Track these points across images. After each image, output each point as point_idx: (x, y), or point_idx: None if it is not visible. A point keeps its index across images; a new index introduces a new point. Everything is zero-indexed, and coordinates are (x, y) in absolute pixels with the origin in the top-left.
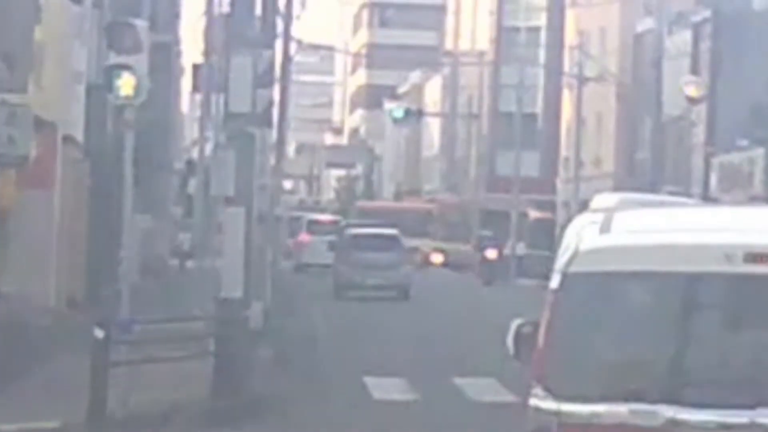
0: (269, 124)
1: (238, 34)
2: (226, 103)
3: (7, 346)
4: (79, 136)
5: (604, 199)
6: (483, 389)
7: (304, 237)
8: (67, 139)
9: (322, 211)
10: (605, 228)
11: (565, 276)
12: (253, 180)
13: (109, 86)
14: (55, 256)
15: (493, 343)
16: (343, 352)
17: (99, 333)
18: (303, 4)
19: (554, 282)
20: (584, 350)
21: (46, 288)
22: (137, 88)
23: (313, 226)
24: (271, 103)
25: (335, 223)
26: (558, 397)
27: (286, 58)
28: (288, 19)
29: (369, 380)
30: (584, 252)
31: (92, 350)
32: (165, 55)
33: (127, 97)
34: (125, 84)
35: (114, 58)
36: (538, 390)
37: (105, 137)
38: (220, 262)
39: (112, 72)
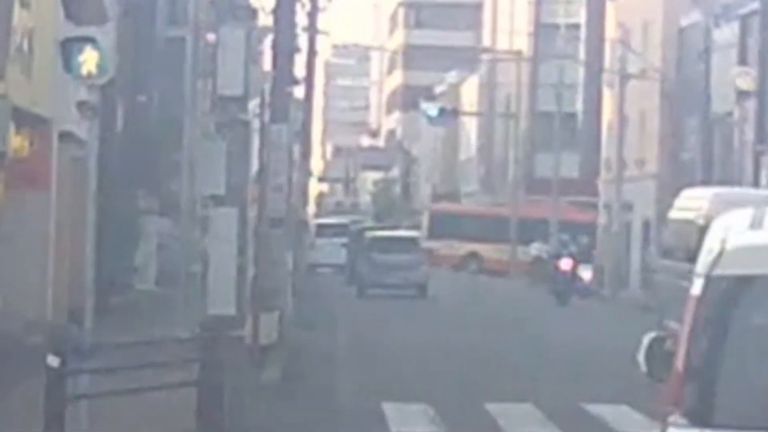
0: (286, 118)
1: (225, 2)
2: (213, 86)
3: None
4: (83, 133)
5: (693, 195)
6: (518, 418)
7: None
8: (66, 136)
9: (362, 214)
10: (756, 224)
11: (709, 280)
12: (249, 176)
13: (68, 63)
14: (52, 264)
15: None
16: (362, 370)
17: (53, 361)
18: None
19: (696, 287)
20: (734, 369)
21: (41, 299)
22: (101, 65)
23: (323, 229)
24: (289, 96)
25: (344, 225)
26: (702, 426)
27: (312, 51)
28: (313, 10)
29: (388, 407)
30: (732, 251)
31: (46, 381)
32: (179, 47)
33: (89, 76)
34: (87, 60)
35: (73, 30)
36: (676, 418)
37: (113, 135)
38: (211, 273)
39: (71, 46)
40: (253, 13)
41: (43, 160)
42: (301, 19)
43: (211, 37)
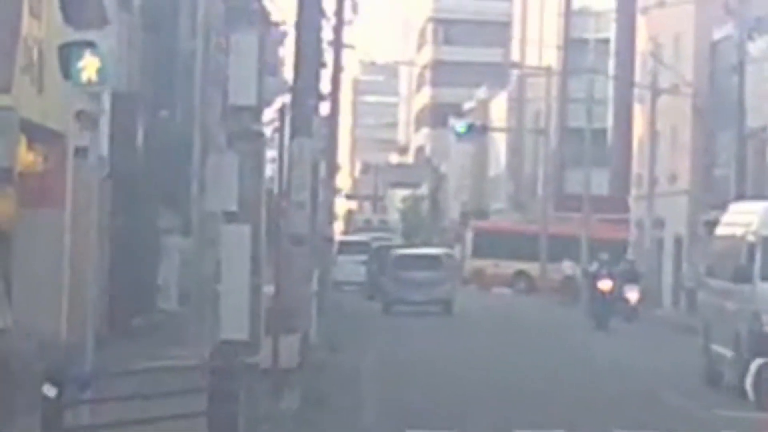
0: (308, 132)
1: (237, 7)
2: (224, 95)
3: None
4: (101, 149)
5: (742, 210)
6: None
7: None
8: (83, 152)
9: (391, 231)
10: None
11: None
12: (263, 190)
13: (66, 70)
14: (68, 284)
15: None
16: (387, 394)
17: (50, 391)
18: (354, 9)
19: None
20: None
21: (56, 321)
22: (102, 72)
23: (344, 247)
24: (312, 110)
25: (365, 243)
26: None
27: (338, 66)
28: (339, 24)
29: None
30: None
31: (42, 413)
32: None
33: (89, 83)
34: (88, 66)
35: (72, 35)
36: None
37: (134, 152)
38: (222, 295)
39: (70, 51)
40: (267, 17)
41: (58, 177)
42: (327, 33)
43: (223, 42)
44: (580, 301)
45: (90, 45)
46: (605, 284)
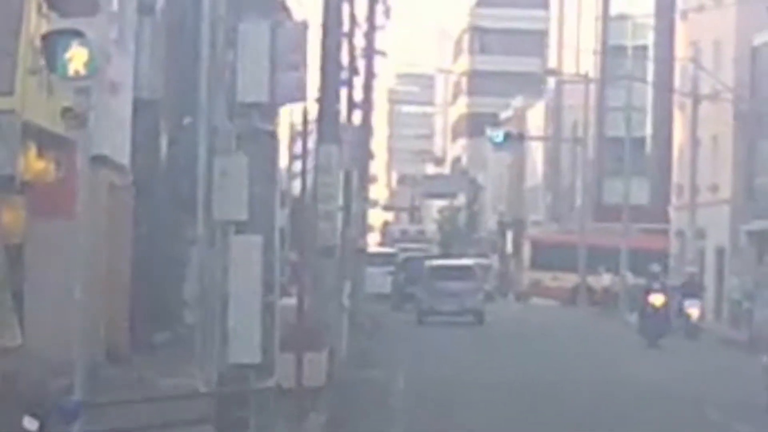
0: (336, 139)
1: None
2: (232, 90)
3: None
4: (121, 157)
5: None
6: None
7: None
8: (100, 160)
9: (428, 242)
10: None
11: None
12: (276, 197)
13: (51, 61)
14: (80, 298)
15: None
16: (419, 415)
17: (31, 424)
18: (387, 14)
19: None
20: None
21: (68, 338)
22: (90, 64)
23: (371, 258)
24: (339, 117)
25: (392, 255)
26: None
27: (370, 73)
28: (371, 30)
29: None
30: None
31: None
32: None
33: (77, 76)
34: (75, 58)
35: (58, 23)
36: None
37: (157, 160)
38: (230, 314)
39: (55, 41)
40: (284, 9)
41: (70, 186)
42: (360, 40)
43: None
44: (620, 314)
45: (78, 34)
46: (657, 299)
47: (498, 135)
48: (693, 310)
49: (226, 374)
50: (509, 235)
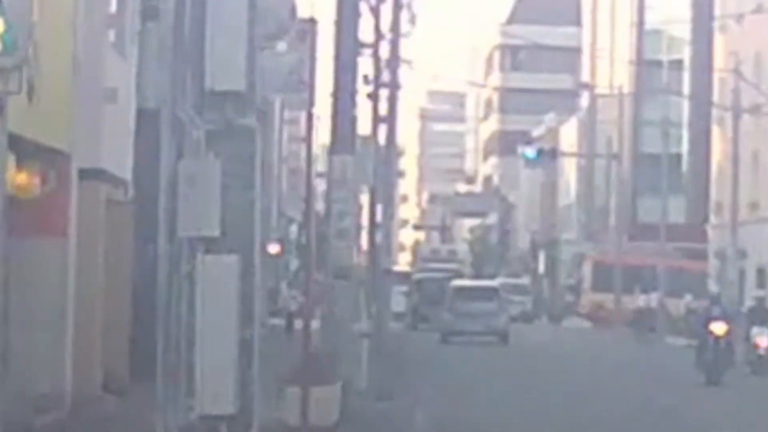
0: (351, 149)
1: None
2: (199, 77)
3: None
4: (121, 171)
5: None
6: None
7: None
8: (94, 174)
9: (459, 262)
10: None
11: None
12: (255, 207)
13: None
14: (72, 324)
15: None
16: None
17: None
18: (413, 21)
19: None
20: None
21: (59, 368)
22: (6, 39)
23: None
24: (351, 120)
25: (407, 274)
26: None
27: (395, 82)
28: (396, 38)
29: None
30: None
31: None
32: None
33: None
34: None
35: None
36: None
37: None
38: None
39: None
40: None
41: (60, 202)
42: (385, 52)
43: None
44: (659, 337)
45: None
46: (719, 327)
47: (531, 151)
48: (762, 340)
49: (193, 428)
50: (542, 255)
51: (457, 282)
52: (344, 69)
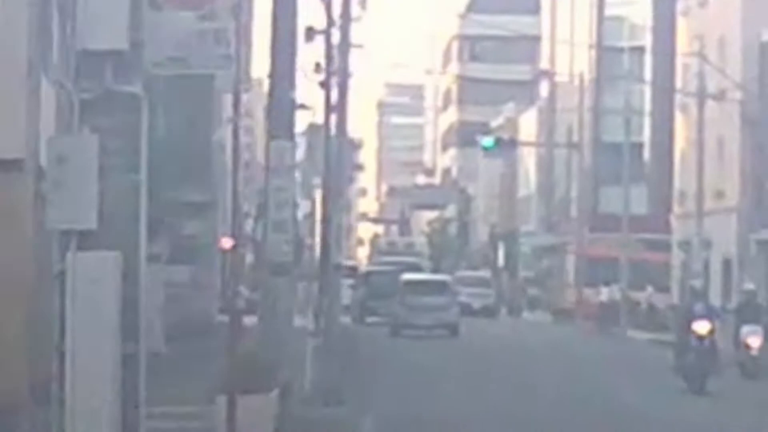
0: (290, 134)
1: None
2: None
3: None
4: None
5: None
6: None
7: None
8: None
9: (417, 255)
10: None
11: None
12: (141, 194)
13: None
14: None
15: None
16: None
17: None
18: (363, 5)
19: None
20: None
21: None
22: None
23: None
24: (290, 102)
25: (354, 268)
26: None
27: (345, 68)
28: (345, 22)
29: None
30: None
31: None
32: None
33: None
34: None
35: None
36: None
37: None
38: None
39: None
40: None
41: None
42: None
43: None
44: (621, 331)
45: None
46: (702, 326)
47: (488, 141)
48: (753, 340)
49: None
50: (501, 247)
51: (408, 276)
52: (281, 48)
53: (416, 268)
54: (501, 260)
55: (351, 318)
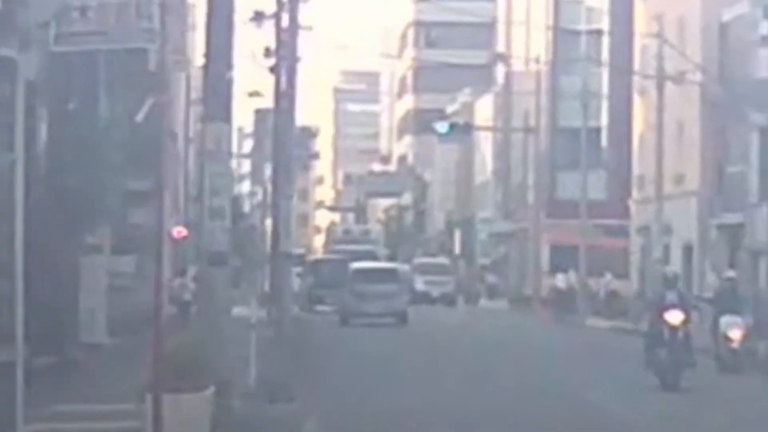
0: (227, 116)
1: None
2: None
3: None
4: None
5: None
6: None
7: None
8: None
9: (373, 242)
10: None
11: None
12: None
13: None
14: None
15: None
16: None
17: None
18: None
19: None
20: None
21: None
22: None
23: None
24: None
25: (301, 256)
26: None
27: (294, 51)
28: (294, 3)
29: None
30: None
31: None
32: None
33: None
34: None
35: None
36: None
37: (34, 151)
38: None
39: None
40: None
41: None
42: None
43: None
44: (579, 319)
45: None
46: (676, 317)
47: (443, 126)
48: (734, 332)
49: None
50: (457, 234)
51: (357, 264)
52: (217, 26)
53: (372, 256)
54: (457, 247)
55: (299, 307)
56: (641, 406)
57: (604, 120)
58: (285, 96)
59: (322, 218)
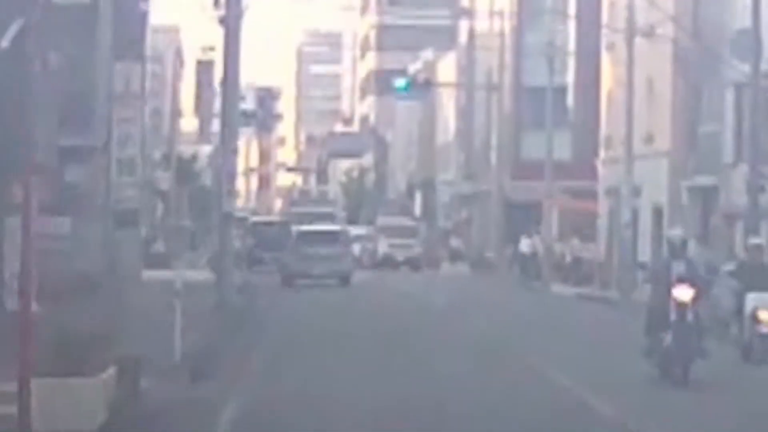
0: (139, 55)
1: None
2: None
3: None
4: None
5: None
6: None
7: None
8: None
9: (332, 204)
10: None
11: None
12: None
13: None
14: None
15: None
16: None
17: None
18: None
19: None
20: None
21: None
22: None
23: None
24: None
25: (242, 219)
26: None
27: None
28: None
29: None
30: None
31: None
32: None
33: None
34: None
35: None
36: None
37: None
38: None
39: None
40: None
41: None
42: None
43: None
44: (543, 284)
45: None
46: (685, 293)
47: (401, 82)
48: (765, 313)
49: None
50: (418, 197)
51: (302, 227)
52: None
53: (330, 218)
54: (419, 210)
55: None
56: (637, 402)
57: (570, 77)
58: (229, 48)
59: (286, 180)
